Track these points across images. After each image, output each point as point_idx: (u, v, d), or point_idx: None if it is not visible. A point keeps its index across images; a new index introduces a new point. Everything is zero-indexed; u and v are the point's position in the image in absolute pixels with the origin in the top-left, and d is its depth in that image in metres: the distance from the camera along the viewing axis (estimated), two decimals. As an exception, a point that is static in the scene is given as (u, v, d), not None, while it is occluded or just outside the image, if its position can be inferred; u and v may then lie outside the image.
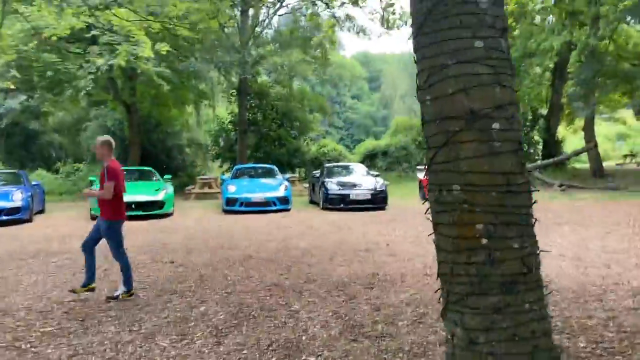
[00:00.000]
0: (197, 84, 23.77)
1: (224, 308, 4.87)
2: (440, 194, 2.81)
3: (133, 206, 11.92)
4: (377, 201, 13.68)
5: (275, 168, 16.17)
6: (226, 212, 13.67)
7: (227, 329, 4.28)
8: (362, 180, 14.43)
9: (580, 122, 31.29)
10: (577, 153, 19.54)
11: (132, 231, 9.77)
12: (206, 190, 19.10)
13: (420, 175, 17.15)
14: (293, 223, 11.29)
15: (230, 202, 13.55)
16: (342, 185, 13.98)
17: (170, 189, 13.62)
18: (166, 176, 15.30)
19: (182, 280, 6.06)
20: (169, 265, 7.00)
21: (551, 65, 22.06)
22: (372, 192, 13.70)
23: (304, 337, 4.03)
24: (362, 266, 6.65)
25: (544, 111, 26.52)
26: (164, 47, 14.02)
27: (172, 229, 10.81)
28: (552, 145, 25.85)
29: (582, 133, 35.38)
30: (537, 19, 21.43)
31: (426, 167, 2.94)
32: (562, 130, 28.18)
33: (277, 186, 13.97)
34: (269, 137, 25.32)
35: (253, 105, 25.76)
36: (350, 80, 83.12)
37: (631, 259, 6.58)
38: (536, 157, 26.49)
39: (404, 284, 5.68)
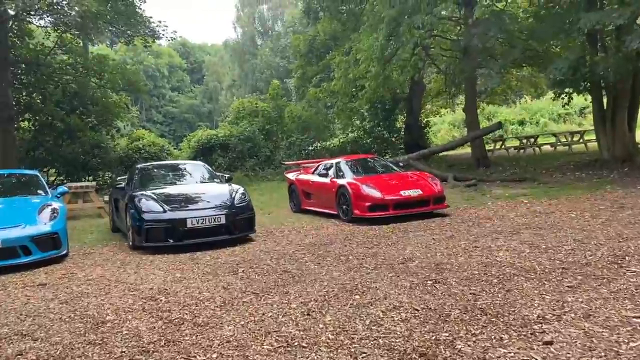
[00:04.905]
0: None
1: None
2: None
3: None
4: (239, 227, 7.57)
5: (37, 175, 8.80)
6: None
7: None
8: (207, 191, 8.13)
9: (444, 105, 28.70)
10: (477, 135, 15.61)
11: None
12: None
13: (291, 176, 11.47)
14: (62, 307, 4.69)
15: None
16: (169, 201, 7.54)
17: None
18: None
19: None
20: None
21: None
22: (228, 211, 7.53)
23: None
24: None
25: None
26: None
27: None
28: (416, 130, 22.27)
29: (445, 116, 33.31)
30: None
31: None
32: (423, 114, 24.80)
33: (32, 212, 6.89)
34: (54, 128, 17.28)
35: (25, 81, 17.43)
36: (169, 71, 74.80)
37: None
38: (400, 146, 22.75)
39: None
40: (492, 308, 4.00)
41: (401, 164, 11.82)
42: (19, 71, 17.20)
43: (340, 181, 9.29)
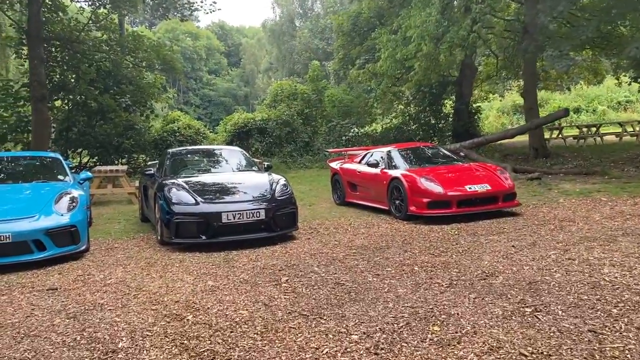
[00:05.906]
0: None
1: None
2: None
3: None
4: (279, 223, 6.62)
5: (59, 158, 7.99)
6: None
7: None
8: (245, 181, 7.22)
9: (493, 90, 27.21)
10: (541, 123, 14.22)
11: None
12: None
13: (335, 165, 10.46)
14: (69, 324, 3.84)
15: None
16: (203, 192, 6.66)
17: None
18: None
19: None
20: None
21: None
22: (268, 204, 6.59)
23: None
24: None
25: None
26: None
27: None
28: (466, 116, 20.86)
29: (495, 101, 31.64)
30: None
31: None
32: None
33: (48, 202, 6.05)
34: (87, 109, 16.73)
35: (59, 59, 16.90)
36: (207, 54, 74.66)
37: None
38: (447, 134, 21.42)
39: None
40: (628, 357, 2.92)
41: (462, 154, 10.63)
42: (53, 48, 16.63)
43: (393, 172, 8.22)
